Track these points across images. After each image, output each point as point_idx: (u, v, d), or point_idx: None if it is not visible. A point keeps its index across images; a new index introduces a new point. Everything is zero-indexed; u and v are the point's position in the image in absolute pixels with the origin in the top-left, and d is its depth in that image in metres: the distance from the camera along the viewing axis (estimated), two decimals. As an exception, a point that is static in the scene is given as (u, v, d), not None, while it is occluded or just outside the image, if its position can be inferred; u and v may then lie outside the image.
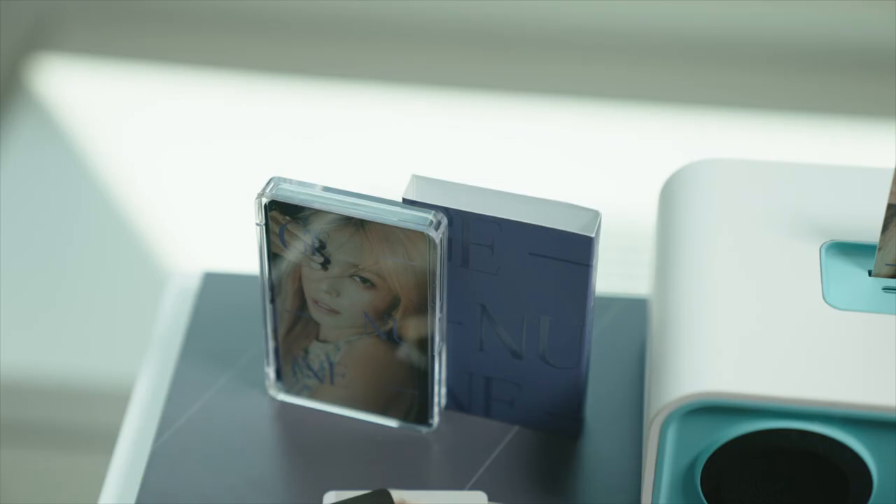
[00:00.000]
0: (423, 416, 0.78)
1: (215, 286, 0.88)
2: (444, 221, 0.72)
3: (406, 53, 1.95)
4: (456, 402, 0.80)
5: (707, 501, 0.70)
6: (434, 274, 0.72)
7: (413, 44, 1.96)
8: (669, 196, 0.79)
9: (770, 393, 0.66)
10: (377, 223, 0.72)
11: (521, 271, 0.73)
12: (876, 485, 0.68)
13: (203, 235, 1.71)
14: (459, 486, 0.76)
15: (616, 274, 1.60)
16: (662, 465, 0.69)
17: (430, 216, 0.71)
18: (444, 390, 0.79)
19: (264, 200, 0.73)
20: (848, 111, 1.88)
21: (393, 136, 1.84)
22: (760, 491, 0.69)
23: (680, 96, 1.90)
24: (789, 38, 1.93)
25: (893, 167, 0.72)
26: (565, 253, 0.72)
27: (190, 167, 1.80)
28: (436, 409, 0.78)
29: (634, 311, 0.86)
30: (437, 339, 0.75)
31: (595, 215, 0.72)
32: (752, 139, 1.84)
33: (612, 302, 0.86)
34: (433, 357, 0.76)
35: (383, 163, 1.80)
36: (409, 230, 0.71)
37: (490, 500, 0.74)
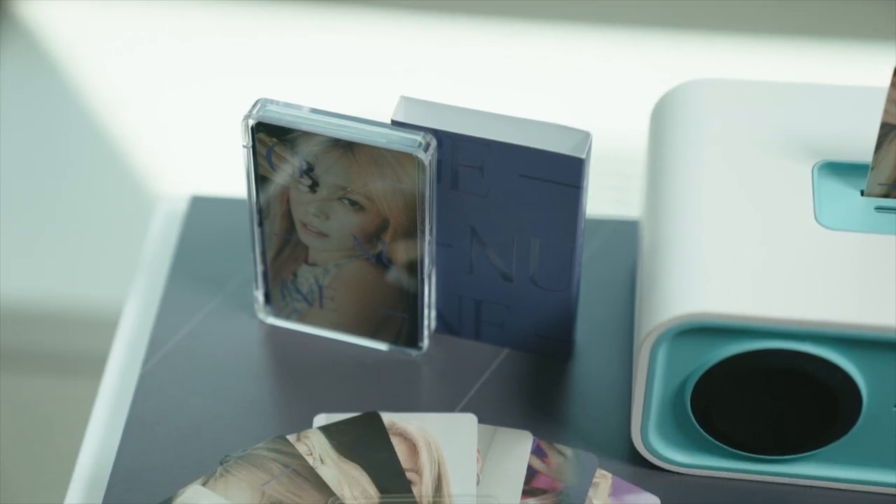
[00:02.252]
0: (412, 339, 0.78)
1: (203, 210, 0.87)
2: (434, 143, 0.71)
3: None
4: (446, 325, 0.80)
5: (697, 422, 0.70)
6: (423, 196, 0.72)
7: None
8: (660, 117, 0.78)
9: (760, 313, 0.65)
10: (366, 145, 0.71)
11: (510, 193, 0.73)
12: (865, 404, 0.68)
13: (190, 159, 1.70)
14: (450, 408, 0.76)
15: (606, 198, 1.59)
16: (653, 387, 0.69)
17: (419, 138, 0.71)
18: (433, 313, 0.79)
19: (251, 122, 0.72)
20: (841, 33, 1.86)
21: (382, 58, 1.83)
22: (751, 411, 0.69)
23: (671, 19, 1.89)
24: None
25: (887, 86, 0.71)
26: (555, 175, 0.71)
27: (177, 91, 1.79)
28: (426, 333, 0.78)
29: (625, 234, 0.85)
30: (426, 262, 0.75)
31: (585, 136, 0.71)
32: (744, 62, 1.82)
33: (602, 224, 0.86)
34: (423, 280, 0.75)
35: (371, 86, 1.78)
36: (397, 152, 0.71)
37: (480, 422, 0.74)
